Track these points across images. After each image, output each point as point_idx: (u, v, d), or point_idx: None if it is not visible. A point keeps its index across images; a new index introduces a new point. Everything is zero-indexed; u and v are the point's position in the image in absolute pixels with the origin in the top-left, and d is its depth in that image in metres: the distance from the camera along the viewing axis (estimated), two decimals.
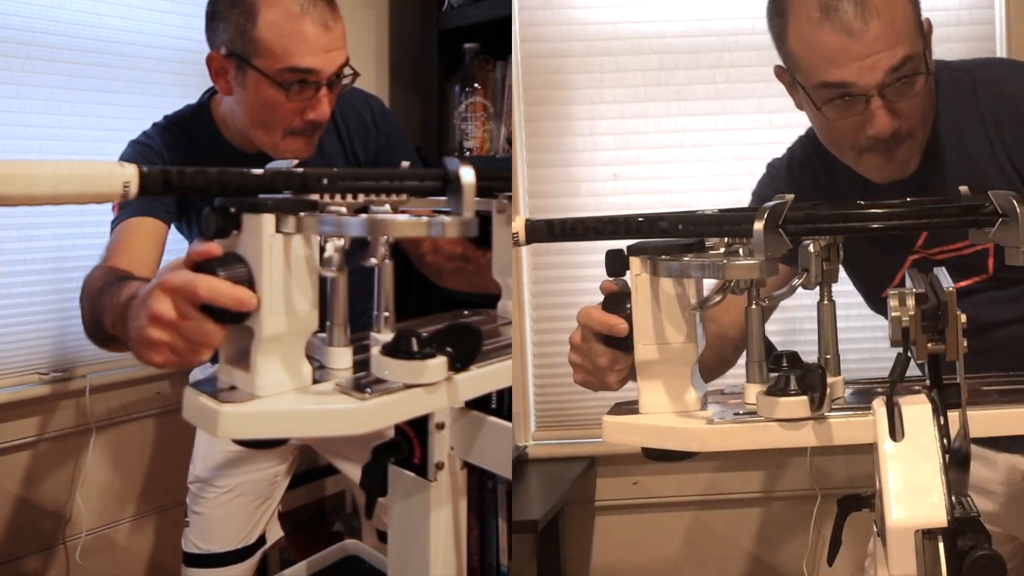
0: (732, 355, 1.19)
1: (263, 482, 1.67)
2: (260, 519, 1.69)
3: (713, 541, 2.19)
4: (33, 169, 0.64)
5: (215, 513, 1.63)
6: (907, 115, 1.11)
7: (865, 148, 1.14)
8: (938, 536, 0.65)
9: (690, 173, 2.07)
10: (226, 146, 1.47)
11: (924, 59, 1.10)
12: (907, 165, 1.16)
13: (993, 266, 1.20)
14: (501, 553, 1.83)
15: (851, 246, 1.25)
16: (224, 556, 1.65)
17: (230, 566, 1.66)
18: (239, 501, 1.64)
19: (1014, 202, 0.75)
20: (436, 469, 0.96)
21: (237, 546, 1.66)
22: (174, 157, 1.44)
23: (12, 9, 1.70)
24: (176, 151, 1.45)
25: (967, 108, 1.17)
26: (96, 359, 1.89)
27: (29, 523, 1.84)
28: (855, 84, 1.08)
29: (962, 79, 1.19)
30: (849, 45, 1.06)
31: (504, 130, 2.08)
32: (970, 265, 1.20)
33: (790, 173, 1.30)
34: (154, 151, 1.43)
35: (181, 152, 1.45)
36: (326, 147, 1.53)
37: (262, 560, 2.09)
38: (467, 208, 0.75)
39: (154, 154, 1.43)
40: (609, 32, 2.07)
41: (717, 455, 2.08)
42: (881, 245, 1.24)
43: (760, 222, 0.76)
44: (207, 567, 1.65)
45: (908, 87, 1.09)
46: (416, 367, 0.74)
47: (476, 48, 2.08)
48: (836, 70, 1.08)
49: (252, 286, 0.73)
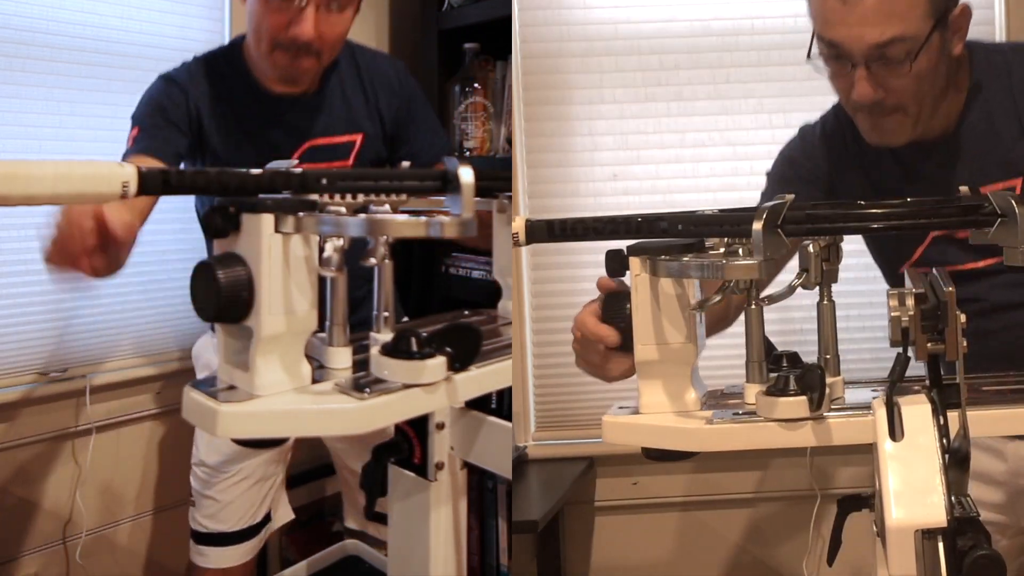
0: (733, 313, 1.23)
1: (268, 462, 1.68)
2: (266, 498, 1.71)
3: (713, 541, 2.19)
4: (32, 169, 0.64)
5: (222, 497, 1.65)
6: (896, 90, 1.14)
7: (853, 109, 1.20)
8: (938, 536, 0.65)
9: (690, 173, 2.07)
10: (252, 83, 1.52)
11: (925, 43, 1.11)
12: (896, 135, 1.19)
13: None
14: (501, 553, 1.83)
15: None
16: (231, 536, 1.67)
17: (239, 544, 1.68)
18: (244, 484, 1.66)
19: (1013, 203, 0.75)
20: (436, 469, 0.96)
21: (244, 526, 1.68)
22: (201, 93, 1.50)
23: (12, 9, 1.70)
24: (204, 87, 1.50)
25: (1000, 88, 1.20)
26: (96, 359, 1.89)
27: (29, 523, 1.84)
28: (842, 47, 1.13)
29: (997, 60, 1.23)
30: (842, 10, 1.11)
31: (504, 130, 2.08)
32: (989, 245, 1.20)
33: (824, 138, 1.33)
34: (179, 87, 1.49)
35: (211, 88, 1.51)
36: (351, 101, 1.58)
37: (262, 560, 2.10)
38: (466, 208, 0.75)
39: (178, 91, 1.49)
40: (609, 32, 2.07)
41: (717, 455, 2.08)
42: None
43: (759, 222, 0.76)
44: (217, 545, 1.67)
45: (897, 65, 1.12)
46: (415, 367, 0.74)
47: (476, 48, 2.08)
48: (830, 29, 1.14)
49: (251, 286, 0.73)
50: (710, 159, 2.06)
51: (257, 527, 1.71)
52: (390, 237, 0.78)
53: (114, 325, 1.92)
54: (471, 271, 2.01)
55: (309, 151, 1.54)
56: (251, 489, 1.67)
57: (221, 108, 1.51)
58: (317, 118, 1.55)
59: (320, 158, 1.54)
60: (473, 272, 2.00)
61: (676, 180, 2.06)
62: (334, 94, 1.58)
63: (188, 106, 1.49)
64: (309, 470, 2.11)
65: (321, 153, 1.55)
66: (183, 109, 1.48)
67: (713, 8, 2.04)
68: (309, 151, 1.54)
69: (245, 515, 1.68)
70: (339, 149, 1.57)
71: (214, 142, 1.50)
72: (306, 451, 2.14)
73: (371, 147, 1.61)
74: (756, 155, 2.05)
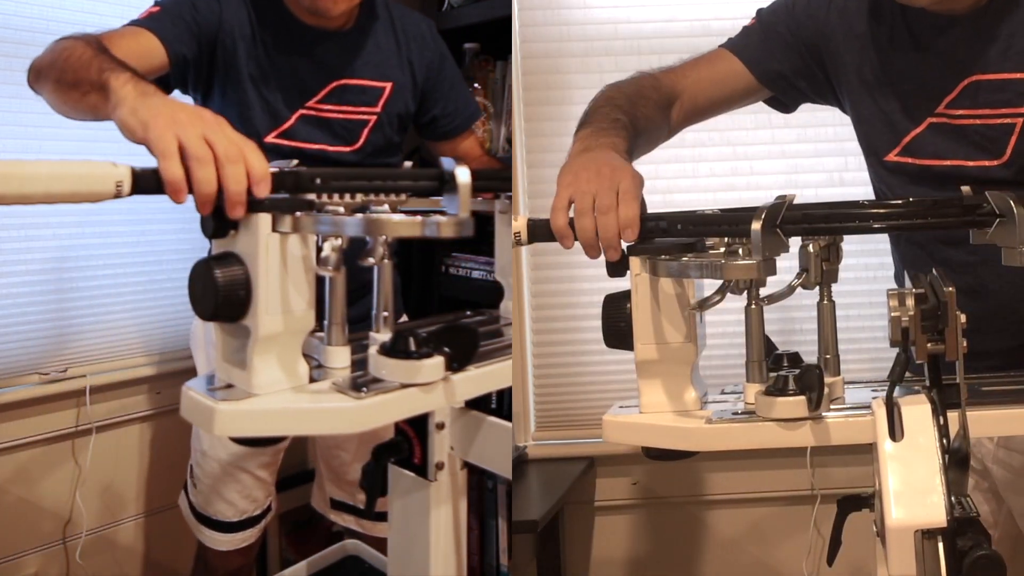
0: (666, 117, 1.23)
1: (268, 452, 1.67)
2: (269, 488, 1.71)
3: (713, 541, 2.19)
4: (27, 168, 0.64)
5: (220, 487, 1.64)
6: None
7: None
8: (938, 536, 0.65)
9: (690, 173, 2.06)
10: (285, 13, 1.47)
11: None
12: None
13: (1012, 151, 1.13)
14: (501, 553, 1.83)
15: (868, 99, 1.20)
16: (234, 524, 1.67)
17: (242, 531, 1.67)
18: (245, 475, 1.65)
19: (1011, 203, 0.75)
20: (436, 469, 0.96)
21: (246, 516, 1.67)
22: (235, 10, 1.43)
23: (12, 9, 1.70)
24: (239, 5, 1.44)
25: None
26: (96, 359, 1.89)
27: (29, 523, 1.84)
28: None
29: None
30: None
31: (504, 130, 2.08)
32: (989, 143, 1.13)
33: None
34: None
35: (245, 8, 1.44)
36: (384, 47, 1.55)
37: (262, 560, 2.10)
38: (463, 207, 0.75)
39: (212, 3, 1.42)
40: (609, 32, 2.06)
41: (717, 455, 2.08)
42: (904, 101, 1.19)
43: (757, 222, 0.76)
44: (221, 532, 1.66)
45: None
46: (412, 367, 0.74)
47: (476, 48, 2.07)
48: None
49: (248, 285, 0.73)
50: (710, 159, 2.06)
51: (261, 515, 1.71)
52: (387, 237, 0.78)
53: (114, 325, 1.92)
54: (471, 271, 2.00)
55: (337, 90, 1.50)
56: (252, 480, 1.66)
57: (252, 31, 1.45)
58: (347, 57, 1.51)
59: (348, 100, 1.51)
60: (473, 272, 2.00)
61: (676, 180, 2.05)
62: (367, 37, 1.54)
63: (222, 18, 1.42)
64: (309, 470, 2.10)
65: (349, 94, 1.51)
66: (216, 17, 1.42)
67: (713, 8, 2.04)
68: (337, 90, 1.50)
69: (248, 507, 1.67)
70: (368, 93, 1.54)
71: (240, 64, 1.44)
72: (306, 451, 2.15)
73: (400, 98, 1.57)
74: (756, 155, 2.04)
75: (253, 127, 1.45)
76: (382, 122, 1.55)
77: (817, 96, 1.30)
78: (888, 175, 1.22)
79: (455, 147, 1.70)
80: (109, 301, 1.88)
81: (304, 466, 2.13)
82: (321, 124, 1.49)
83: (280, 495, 2.10)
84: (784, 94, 1.31)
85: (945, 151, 1.16)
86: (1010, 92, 1.12)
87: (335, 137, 1.51)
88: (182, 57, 1.37)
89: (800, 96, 1.31)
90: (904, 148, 1.19)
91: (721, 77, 1.31)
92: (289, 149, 1.46)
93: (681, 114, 1.27)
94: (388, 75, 1.56)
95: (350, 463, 1.72)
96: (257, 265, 0.72)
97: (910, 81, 1.18)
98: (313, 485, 1.86)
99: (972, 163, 1.15)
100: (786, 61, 1.27)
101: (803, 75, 1.28)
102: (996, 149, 1.14)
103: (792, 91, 1.30)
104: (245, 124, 1.44)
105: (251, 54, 1.45)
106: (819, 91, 1.29)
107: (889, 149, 1.21)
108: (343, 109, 1.51)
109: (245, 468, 1.64)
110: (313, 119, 1.49)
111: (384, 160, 1.59)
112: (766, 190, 1.97)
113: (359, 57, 1.53)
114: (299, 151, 1.46)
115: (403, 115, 1.60)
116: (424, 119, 1.66)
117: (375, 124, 1.54)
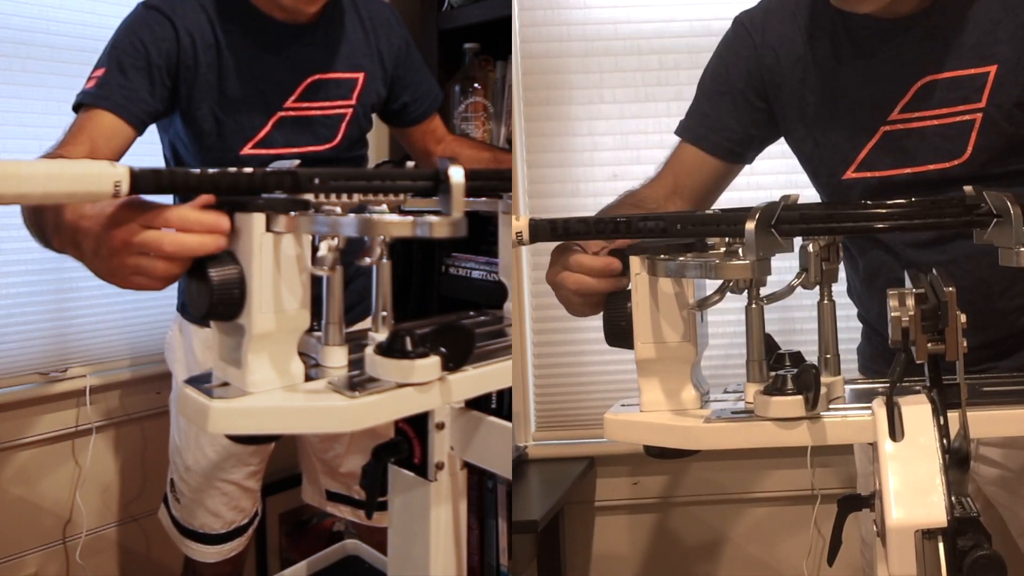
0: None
1: (255, 459, 1.67)
2: (256, 496, 1.71)
3: (713, 541, 2.19)
4: (23, 168, 0.64)
5: (205, 500, 1.64)
6: None
7: None
8: (938, 536, 0.65)
9: None
10: (251, 9, 1.44)
11: None
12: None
13: (973, 148, 1.11)
14: (501, 553, 1.82)
15: (807, 134, 1.19)
16: (222, 536, 1.67)
17: (230, 542, 1.68)
18: (230, 486, 1.65)
19: (1008, 203, 0.75)
20: (436, 469, 0.96)
21: (233, 527, 1.68)
22: (191, 18, 1.38)
23: (12, 9, 1.70)
24: (195, 10, 1.39)
25: None
26: (96, 359, 1.89)
27: (29, 522, 1.84)
28: None
29: None
30: None
31: (504, 130, 2.08)
32: (948, 143, 1.11)
33: (765, 14, 1.27)
34: (163, 15, 1.36)
35: (203, 12, 1.40)
36: (352, 37, 1.53)
37: (262, 560, 2.10)
38: (456, 208, 0.75)
39: (163, 20, 1.36)
40: (608, 32, 2.06)
41: (717, 454, 2.08)
42: (854, 114, 1.16)
43: (751, 222, 0.76)
44: (208, 544, 1.66)
45: None
46: (407, 366, 0.74)
47: (476, 48, 2.07)
48: None
49: (243, 285, 0.72)
50: None
51: (247, 525, 1.71)
52: (384, 237, 0.77)
53: (114, 325, 1.92)
54: (471, 271, 2.00)
55: (312, 86, 1.48)
56: (236, 491, 1.66)
57: (215, 36, 1.39)
58: (319, 51, 1.50)
59: (323, 95, 1.50)
60: (473, 272, 1.99)
61: None
62: (335, 29, 1.52)
63: (178, 37, 1.35)
64: None
65: (325, 89, 1.50)
66: (171, 42, 1.35)
67: (713, 8, 2.04)
68: (312, 86, 1.48)
69: (235, 517, 1.67)
70: (343, 85, 1.52)
71: (205, 80, 1.39)
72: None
73: (372, 87, 1.56)
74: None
75: (226, 143, 1.43)
76: (357, 114, 1.54)
77: (770, 136, 1.29)
78: (846, 191, 1.19)
79: (424, 130, 1.70)
80: (109, 301, 1.89)
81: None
82: (300, 124, 1.48)
83: (280, 495, 2.10)
84: (745, 154, 1.30)
85: (903, 160, 1.14)
86: (967, 88, 1.10)
87: (315, 137, 1.50)
88: (145, 114, 1.34)
89: (760, 144, 1.30)
90: (861, 163, 1.17)
91: (691, 170, 1.30)
92: (266, 158, 1.43)
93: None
94: (359, 65, 1.54)
95: (344, 455, 1.72)
96: (251, 264, 0.72)
97: (859, 92, 1.16)
98: (303, 481, 1.86)
99: (932, 167, 1.13)
100: (731, 118, 1.26)
101: (753, 123, 1.26)
102: (956, 149, 1.12)
103: (752, 144, 1.29)
104: (219, 140, 1.43)
105: (215, 64, 1.40)
106: (772, 129, 1.27)
107: (845, 169, 1.18)
108: (321, 105, 1.50)
109: (230, 479, 1.63)
110: (292, 120, 1.47)
111: (357, 152, 1.60)
112: (766, 190, 1.96)
113: (331, 50, 1.51)
114: (277, 158, 1.46)
115: (375, 104, 1.59)
116: (395, 105, 1.64)
117: (352, 117, 1.53)
